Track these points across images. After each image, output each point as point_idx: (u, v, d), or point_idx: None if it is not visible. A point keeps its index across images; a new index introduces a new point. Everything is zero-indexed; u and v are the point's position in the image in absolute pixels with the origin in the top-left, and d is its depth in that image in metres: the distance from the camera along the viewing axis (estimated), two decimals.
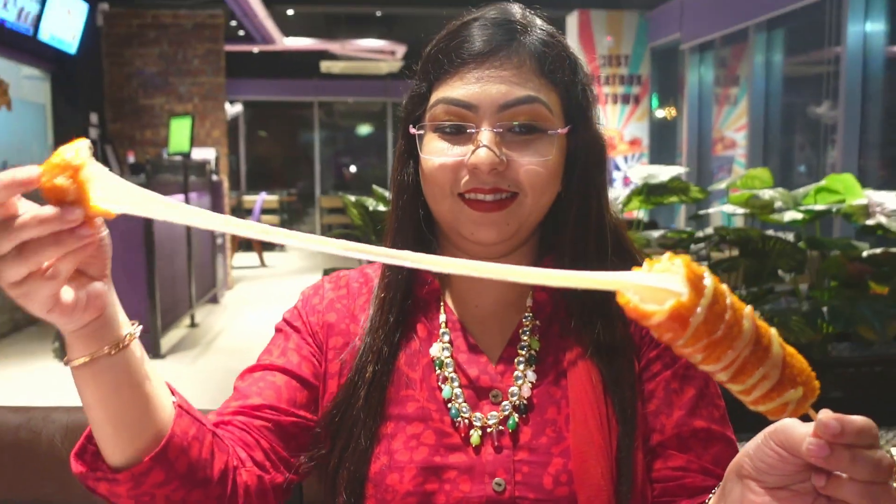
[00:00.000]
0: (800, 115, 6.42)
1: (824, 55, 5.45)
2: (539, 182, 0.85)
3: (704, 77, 7.40)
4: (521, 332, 0.91)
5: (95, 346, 0.67)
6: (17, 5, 6.01)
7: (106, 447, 0.72)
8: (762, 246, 2.28)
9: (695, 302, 0.52)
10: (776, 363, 0.54)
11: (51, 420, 1.37)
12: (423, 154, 0.87)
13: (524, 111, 0.84)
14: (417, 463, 0.84)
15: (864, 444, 0.55)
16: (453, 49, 0.86)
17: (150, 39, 8.09)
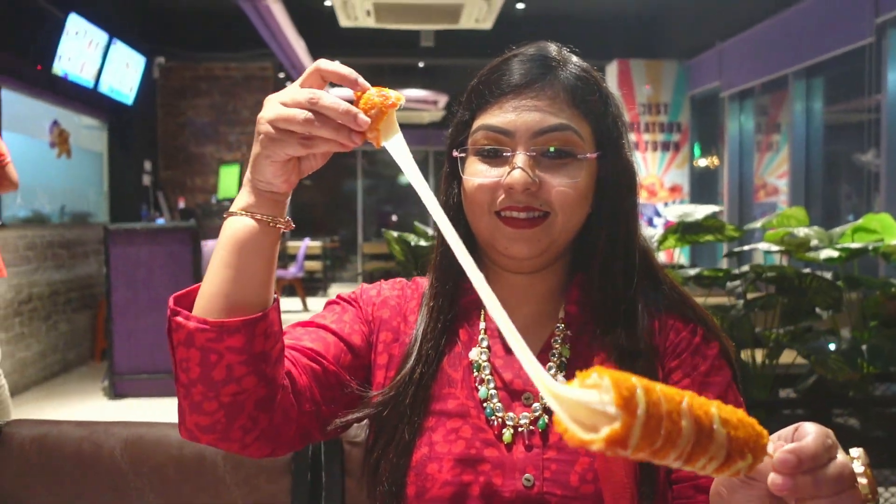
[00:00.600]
0: (844, 162, 6.39)
1: (865, 103, 5.45)
2: (569, 202, 0.93)
3: (745, 124, 7.42)
4: (553, 340, 0.98)
5: (275, 211, 0.83)
6: (80, 59, 6.34)
7: (210, 303, 0.82)
8: (799, 283, 2.30)
9: (629, 426, 0.52)
10: (721, 445, 0.56)
11: (111, 433, 1.45)
12: (465, 175, 0.96)
13: (556, 137, 0.93)
14: (455, 455, 0.91)
15: (823, 463, 0.60)
16: (494, 81, 0.96)
17: (202, 91, 8.42)
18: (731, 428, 0.57)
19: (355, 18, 5.64)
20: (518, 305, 1.00)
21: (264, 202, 0.83)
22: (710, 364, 0.94)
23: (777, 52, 6.44)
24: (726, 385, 0.94)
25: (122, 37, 7.02)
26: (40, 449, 1.44)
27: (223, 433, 0.84)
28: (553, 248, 0.96)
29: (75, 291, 6.19)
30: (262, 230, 0.83)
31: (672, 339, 0.97)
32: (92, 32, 6.41)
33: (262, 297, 0.84)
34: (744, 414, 0.60)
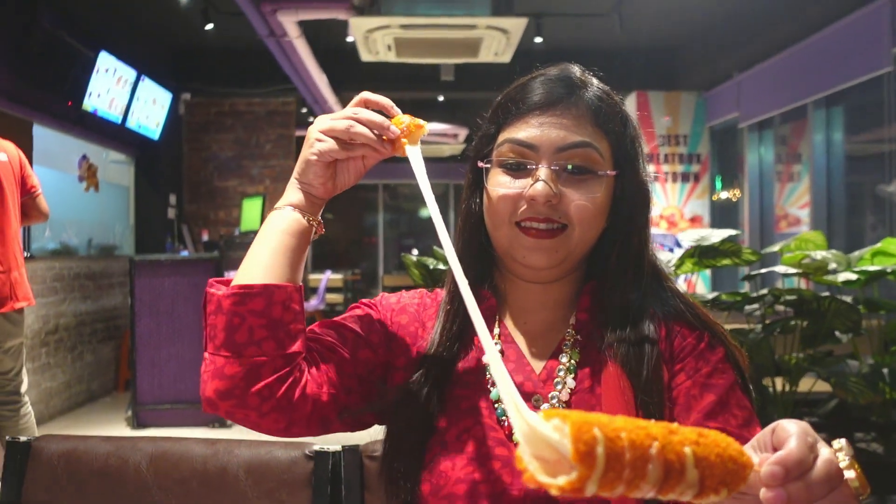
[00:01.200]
0: (866, 193, 6.35)
1: (885, 133, 5.44)
2: (587, 217, 0.98)
3: (764, 154, 7.42)
4: (563, 345, 1.02)
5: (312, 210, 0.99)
6: (109, 96, 6.51)
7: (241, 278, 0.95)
8: (817, 306, 2.30)
9: (585, 478, 0.53)
10: (692, 484, 0.56)
11: (137, 448, 1.49)
12: (489, 186, 1.02)
13: (578, 154, 0.98)
14: (468, 453, 0.95)
15: (810, 465, 0.61)
16: (520, 98, 1.02)
17: (226, 126, 8.59)
18: (706, 468, 0.57)
19: (376, 53, 5.75)
20: (533, 311, 1.05)
21: (304, 200, 0.98)
22: (713, 367, 0.97)
23: (795, 82, 6.46)
24: (728, 387, 0.96)
25: (150, 74, 7.20)
26: (68, 463, 1.48)
27: (241, 398, 0.91)
28: (569, 260, 1.00)
29: (100, 322, 6.28)
30: (298, 223, 0.97)
31: (678, 343, 1.00)
32: (121, 70, 6.59)
33: (286, 278, 0.95)
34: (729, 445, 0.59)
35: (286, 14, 5.63)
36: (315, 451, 1.43)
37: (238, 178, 8.63)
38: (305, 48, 6.45)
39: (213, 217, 8.61)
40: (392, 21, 5.11)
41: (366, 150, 0.95)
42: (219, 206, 8.62)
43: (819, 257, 2.43)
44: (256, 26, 6.01)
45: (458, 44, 5.41)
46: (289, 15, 5.65)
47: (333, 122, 0.95)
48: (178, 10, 6.17)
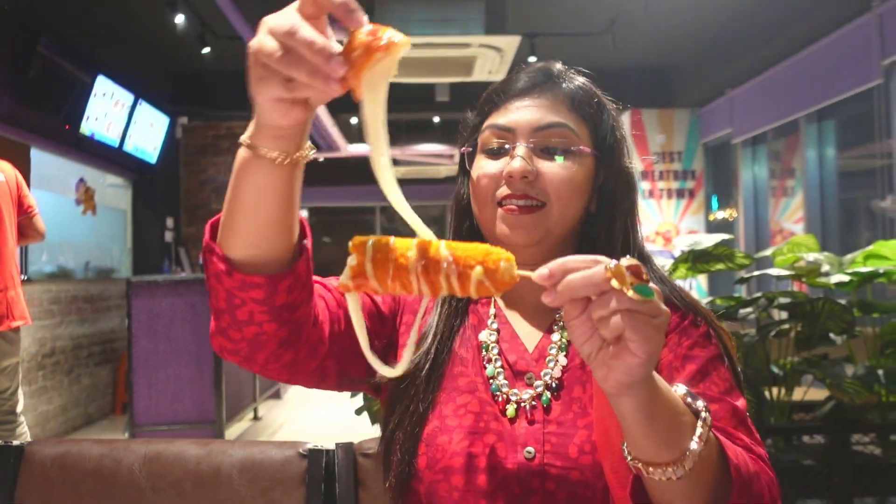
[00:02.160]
0: (861, 208, 6.38)
1: (877, 148, 5.48)
2: (564, 193, 1.01)
3: (758, 170, 7.46)
4: (554, 325, 1.05)
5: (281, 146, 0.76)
6: (106, 120, 6.55)
7: (237, 239, 0.81)
8: (811, 308, 2.30)
9: (361, 262, 0.70)
10: (446, 263, 0.69)
11: (130, 450, 1.49)
12: (472, 170, 1.06)
13: (554, 133, 1.02)
14: (465, 427, 0.96)
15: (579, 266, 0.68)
16: (502, 89, 1.08)
17: (223, 149, 8.63)
18: (456, 251, 0.70)
19: None
20: (522, 294, 1.07)
21: (268, 135, 0.76)
22: (694, 340, 0.99)
23: (786, 97, 6.51)
24: (708, 359, 0.97)
25: (148, 98, 7.25)
26: (61, 466, 1.48)
27: (246, 358, 0.90)
28: (550, 239, 1.03)
29: (97, 345, 6.26)
30: (267, 166, 0.77)
31: None
32: (119, 94, 6.64)
33: (283, 243, 0.83)
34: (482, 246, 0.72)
35: None
36: (309, 449, 1.43)
37: None
38: None
39: None
40: None
41: (308, 90, 0.69)
42: None
43: (812, 259, 2.45)
44: None
45: (452, 63, 5.47)
46: None
47: (265, 45, 0.67)
48: (176, 34, 6.23)
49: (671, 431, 0.74)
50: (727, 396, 0.94)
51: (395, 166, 3.47)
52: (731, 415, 0.92)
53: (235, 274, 0.82)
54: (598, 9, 6.23)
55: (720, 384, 0.95)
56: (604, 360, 0.69)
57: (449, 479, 0.94)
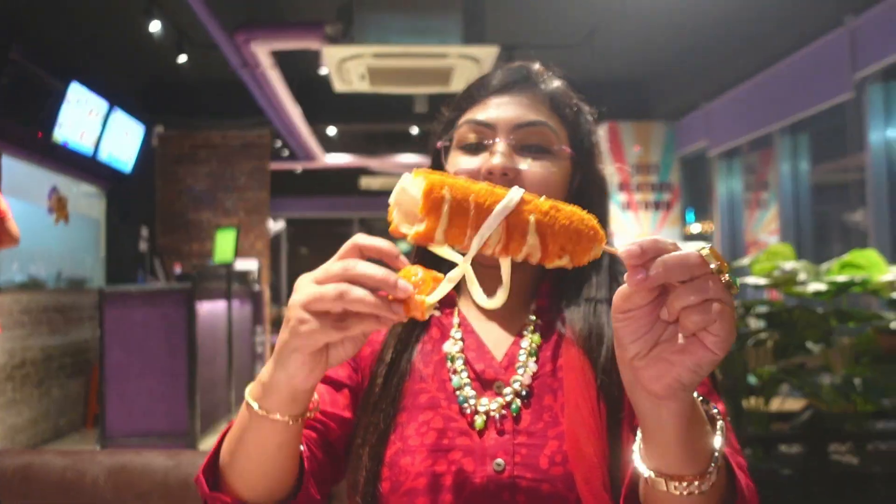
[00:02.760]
0: (834, 222, 6.45)
1: (850, 162, 5.55)
2: (542, 193, 0.97)
3: (733, 182, 7.53)
4: (524, 330, 1.02)
5: (292, 410, 0.76)
6: (80, 127, 6.46)
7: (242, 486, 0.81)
8: (789, 317, 2.30)
9: (432, 228, 0.62)
10: (534, 247, 0.64)
11: (95, 462, 1.44)
12: (448, 166, 1.03)
13: (535, 132, 1.00)
14: (427, 446, 0.92)
15: (668, 248, 0.61)
16: (479, 85, 1.05)
17: (200, 158, 8.56)
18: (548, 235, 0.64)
19: (350, 83, 5.78)
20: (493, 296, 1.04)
21: (282, 399, 0.75)
22: None
23: (761, 110, 6.58)
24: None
25: (122, 105, 7.17)
26: (24, 478, 1.43)
27: None
28: None
29: (69, 357, 6.15)
30: (279, 427, 0.77)
31: None
32: (92, 101, 6.55)
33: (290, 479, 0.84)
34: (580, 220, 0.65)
35: (259, 44, 5.65)
36: None
37: (212, 211, 8.57)
38: (279, 79, 6.47)
39: (187, 249, 8.52)
40: (365, 50, 5.14)
41: (367, 323, 0.69)
42: (192, 239, 8.55)
43: (789, 268, 2.45)
44: (230, 57, 6.02)
45: (430, 73, 5.46)
46: (262, 45, 5.67)
47: (319, 291, 0.68)
48: (152, 42, 6.17)
49: (702, 441, 0.69)
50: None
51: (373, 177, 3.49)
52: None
53: None
54: (576, 21, 6.26)
55: (700, 387, 0.93)
56: (663, 356, 0.62)
57: (413, 502, 0.90)
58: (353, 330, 0.69)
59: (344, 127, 9.54)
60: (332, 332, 0.69)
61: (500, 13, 5.80)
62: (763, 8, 5.74)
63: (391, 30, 5.09)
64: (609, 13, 6.00)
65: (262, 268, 8.43)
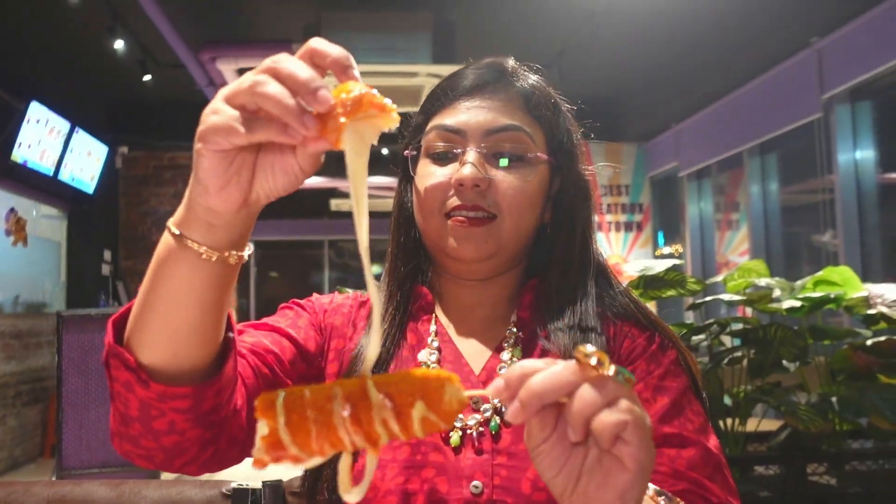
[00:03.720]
0: (803, 242, 6.49)
1: (819, 183, 5.59)
2: (516, 205, 0.92)
3: (704, 202, 7.56)
4: (504, 343, 0.94)
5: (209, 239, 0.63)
6: (40, 147, 6.30)
7: (150, 343, 0.67)
8: (764, 335, 2.26)
9: (273, 427, 0.54)
10: (382, 406, 0.54)
11: (31, 493, 1.33)
12: (416, 177, 0.95)
13: (508, 137, 0.92)
14: (399, 461, 0.85)
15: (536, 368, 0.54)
16: (448, 86, 0.97)
17: (165, 179, 8.41)
18: (389, 388, 0.55)
19: None
20: (472, 309, 0.98)
21: (196, 221, 0.63)
22: (666, 369, 0.90)
23: (730, 130, 6.63)
24: (682, 390, 0.88)
25: (85, 126, 7.02)
26: None
27: (161, 464, 0.75)
28: (502, 253, 0.93)
29: (26, 384, 5.94)
30: (191, 260, 0.64)
31: (627, 345, 0.93)
32: (54, 121, 6.40)
33: (207, 348, 0.69)
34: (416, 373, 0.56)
35: (225, 63, 5.56)
36: (233, 488, 1.29)
37: None
38: None
39: None
40: None
41: (273, 131, 0.57)
42: None
43: (763, 284, 2.41)
44: (196, 76, 5.93)
45: (399, 92, 5.41)
46: (228, 63, 5.58)
47: (239, 82, 0.59)
48: (115, 61, 6.05)
49: None
50: (702, 437, 0.84)
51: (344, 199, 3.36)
52: (705, 461, 0.82)
53: (152, 385, 0.68)
54: (545, 42, 6.27)
55: (695, 420, 0.86)
56: (588, 492, 0.54)
57: None
58: (256, 133, 0.58)
59: None
60: (237, 126, 0.58)
61: (469, 32, 5.79)
62: (731, 30, 5.79)
63: (359, 49, 5.04)
64: (578, 34, 6.02)
65: None
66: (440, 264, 0.98)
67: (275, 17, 5.90)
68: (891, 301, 2.47)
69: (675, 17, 5.63)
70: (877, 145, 5.26)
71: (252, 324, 0.93)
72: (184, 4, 5.50)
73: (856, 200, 5.20)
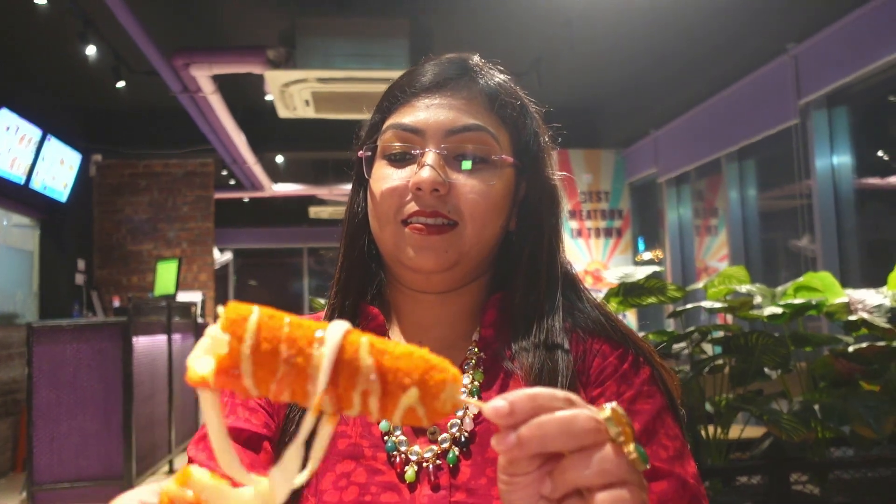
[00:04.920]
0: (781, 246, 6.51)
1: (797, 188, 5.60)
2: (479, 211, 0.84)
3: (683, 208, 7.57)
4: (464, 364, 0.86)
5: None
6: (10, 155, 6.18)
7: None
8: (745, 342, 2.22)
9: (236, 350, 0.46)
10: (367, 374, 0.47)
11: None
12: (371, 180, 0.88)
13: (471, 138, 0.85)
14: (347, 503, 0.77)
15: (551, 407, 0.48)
16: (406, 83, 0.89)
17: (140, 188, 8.29)
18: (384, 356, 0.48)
19: (294, 109, 5.64)
20: (428, 328, 0.90)
21: None
22: (637, 391, 0.82)
23: (708, 136, 6.64)
24: (655, 413, 0.81)
25: (57, 133, 6.90)
26: None
27: None
28: (464, 264, 0.86)
29: None
30: None
31: (598, 364, 0.85)
32: (24, 128, 6.29)
33: None
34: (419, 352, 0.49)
35: (199, 68, 5.48)
36: None
37: (153, 242, 8.29)
38: (221, 105, 6.30)
39: (126, 282, 8.21)
40: (308, 75, 5.02)
41: None
42: (132, 271, 8.24)
43: (744, 291, 2.38)
44: (169, 82, 5.84)
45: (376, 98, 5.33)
46: (202, 69, 5.50)
47: None
48: (88, 67, 5.95)
49: None
50: (677, 465, 0.77)
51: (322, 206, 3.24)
52: (679, 495, 0.75)
53: None
54: (523, 49, 6.25)
55: (669, 447, 0.79)
56: None
57: None
58: None
59: (291, 155, 9.38)
60: None
61: (446, 38, 5.75)
62: (708, 36, 5.80)
63: (335, 55, 4.98)
64: (555, 41, 6.01)
65: (206, 300, 8.16)
66: (396, 276, 0.90)
67: (250, 23, 5.83)
68: (871, 307, 2.45)
69: (652, 24, 5.63)
70: (853, 150, 5.28)
71: (199, 438, 0.83)
72: (156, 10, 5.42)
73: (833, 205, 5.21)
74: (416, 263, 0.84)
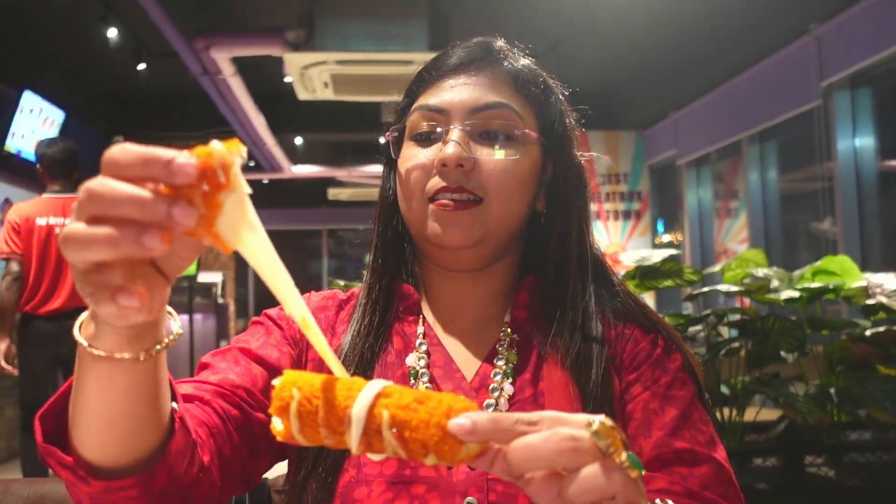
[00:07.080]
0: (801, 229, 6.45)
1: (818, 170, 5.54)
2: (504, 187, 0.86)
3: (703, 191, 7.52)
4: (498, 346, 0.88)
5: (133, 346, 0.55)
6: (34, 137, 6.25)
7: (86, 440, 0.60)
8: (762, 325, 2.23)
9: (288, 428, 0.55)
10: (393, 445, 0.53)
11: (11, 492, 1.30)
12: (399, 160, 0.90)
13: (495, 115, 0.87)
14: (387, 476, 0.79)
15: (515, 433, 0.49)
16: (433, 66, 0.92)
17: None
18: (404, 430, 0.52)
19: (313, 91, 5.66)
20: (462, 307, 0.92)
21: (114, 335, 0.54)
22: (673, 377, 0.85)
23: (729, 118, 6.58)
24: (690, 400, 0.84)
25: (79, 115, 6.97)
26: None
27: None
28: (490, 241, 0.87)
29: None
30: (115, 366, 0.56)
31: (630, 349, 0.87)
32: (47, 110, 6.36)
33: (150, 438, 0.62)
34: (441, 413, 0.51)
35: (220, 50, 5.51)
36: None
37: None
38: (241, 87, 6.33)
39: None
40: (328, 57, 5.03)
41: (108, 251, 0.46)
42: None
43: (761, 274, 2.38)
44: (190, 64, 5.87)
45: (395, 80, 5.35)
46: (222, 51, 5.53)
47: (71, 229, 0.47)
48: (109, 50, 5.99)
49: None
50: (712, 450, 0.80)
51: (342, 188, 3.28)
52: (718, 478, 0.78)
53: (93, 482, 0.61)
54: (541, 30, 6.21)
55: (705, 432, 0.81)
56: None
57: None
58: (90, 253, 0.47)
59: (310, 137, 9.41)
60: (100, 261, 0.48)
61: (465, 20, 5.73)
62: (730, 17, 5.73)
63: (354, 36, 4.98)
64: (575, 23, 5.97)
65: (226, 280, 8.25)
66: (425, 254, 0.92)
67: (269, 5, 5.84)
68: (890, 291, 2.44)
69: (673, 5, 5.57)
70: (876, 132, 5.21)
71: (220, 351, 0.87)
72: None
73: (855, 188, 5.15)
74: (442, 240, 0.85)
